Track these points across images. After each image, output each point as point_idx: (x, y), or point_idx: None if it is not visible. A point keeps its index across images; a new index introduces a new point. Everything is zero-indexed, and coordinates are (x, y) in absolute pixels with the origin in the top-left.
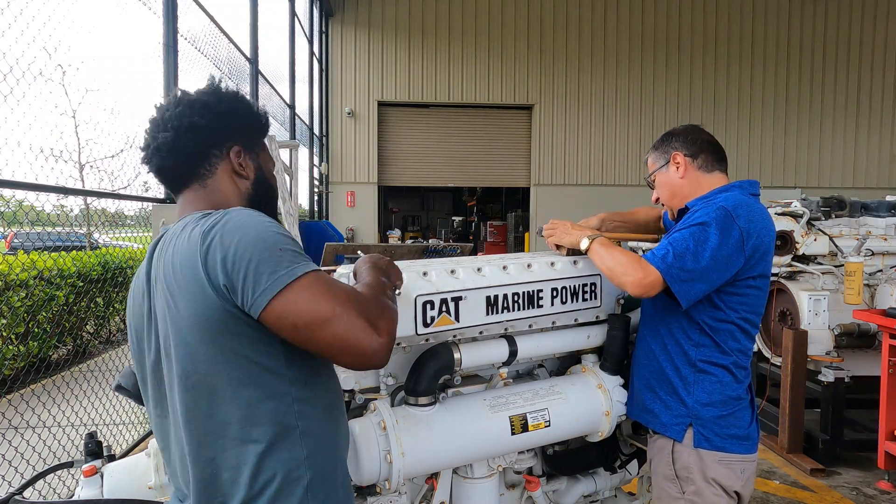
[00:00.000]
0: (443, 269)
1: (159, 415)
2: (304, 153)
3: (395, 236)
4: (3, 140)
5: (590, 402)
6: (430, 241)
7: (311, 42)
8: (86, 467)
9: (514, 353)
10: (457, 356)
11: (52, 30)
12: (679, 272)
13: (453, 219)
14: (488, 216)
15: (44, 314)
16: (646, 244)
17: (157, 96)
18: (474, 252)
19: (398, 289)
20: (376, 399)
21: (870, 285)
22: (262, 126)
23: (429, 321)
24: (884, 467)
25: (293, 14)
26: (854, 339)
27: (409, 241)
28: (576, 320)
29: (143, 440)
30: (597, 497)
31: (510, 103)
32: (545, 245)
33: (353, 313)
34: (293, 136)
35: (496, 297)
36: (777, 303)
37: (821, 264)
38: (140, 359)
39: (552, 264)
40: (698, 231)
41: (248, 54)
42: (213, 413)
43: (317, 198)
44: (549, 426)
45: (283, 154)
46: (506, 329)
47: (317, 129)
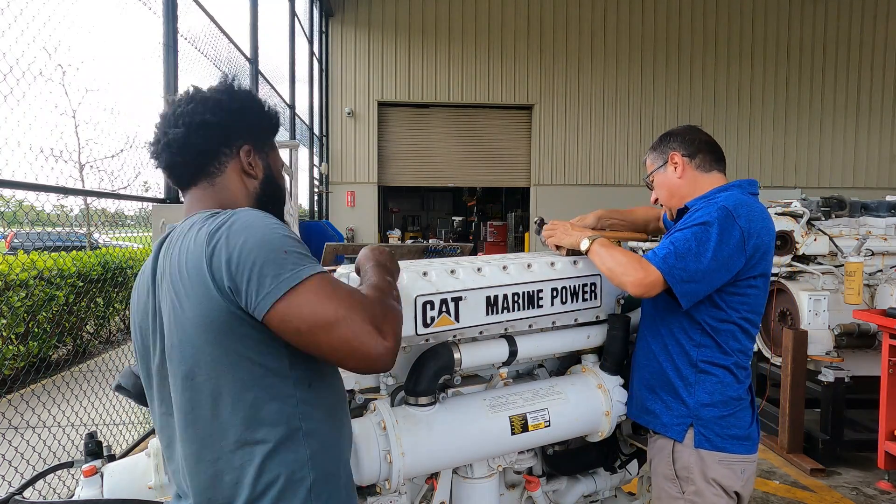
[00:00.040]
0: (443, 269)
1: (164, 413)
2: (304, 153)
3: (395, 236)
4: (3, 140)
5: (590, 402)
6: (430, 241)
7: (311, 42)
8: (86, 467)
9: (514, 353)
10: (457, 356)
11: (52, 30)
12: (681, 272)
13: (453, 219)
14: (488, 216)
15: (44, 314)
16: (646, 244)
17: (157, 96)
18: (474, 252)
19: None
20: (376, 399)
21: (870, 285)
22: (272, 126)
23: (429, 321)
24: (884, 467)
25: (293, 14)
26: (854, 339)
27: (409, 241)
28: (576, 320)
29: (143, 440)
30: (597, 497)
31: (510, 103)
32: (545, 245)
33: (357, 317)
34: (293, 136)
35: (496, 297)
36: (777, 303)
37: (821, 264)
38: (145, 357)
39: (552, 264)
40: (700, 231)
41: (248, 54)
42: (217, 414)
43: (317, 198)
44: (549, 426)
45: (283, 154)
46: (506, 329)
47: (317, 129)
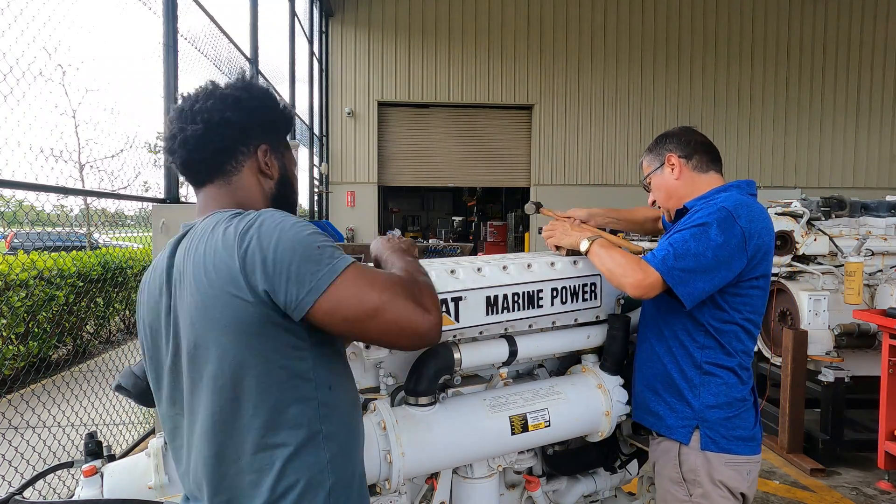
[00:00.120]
0: (443, 269)
1: (175, 414)
2: (304, 153)
3: None
4: (3, 140)
5: (590, 402)
6: (430, 241)
7: (311, 42)
8: (86, 467)
9: (514, 353)
10: (457, 356)
11: (52, 30)
12: (680, 273)
13: (453, 219)
14: (488, 216)
15: (44, 314)
16: (646, 244)
17: (157, 96)
18: (474, 252)
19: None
20: (376, 399)
21: (870, 285)
22: (287, 125)
23: None
24: (884, 467)
25: (293, 14)
26: (854, 339)
27: None
28: (576, 320)
29: (143, 440)
30: (597, 497)
31: (510, 103)
32: (545, 245)
33: (400, 298)
34: (293, 136)
35: (496, 297)
36: (777, 303)
37: (821, 264)
38: (155, 356)
39: (552, 264)
40: (699, 232)
41: (248, 54)
42: (239, 416)
43: (317, 198)
44: (549, 426)
45: None
46: (506, 329)
47: (317, 129)
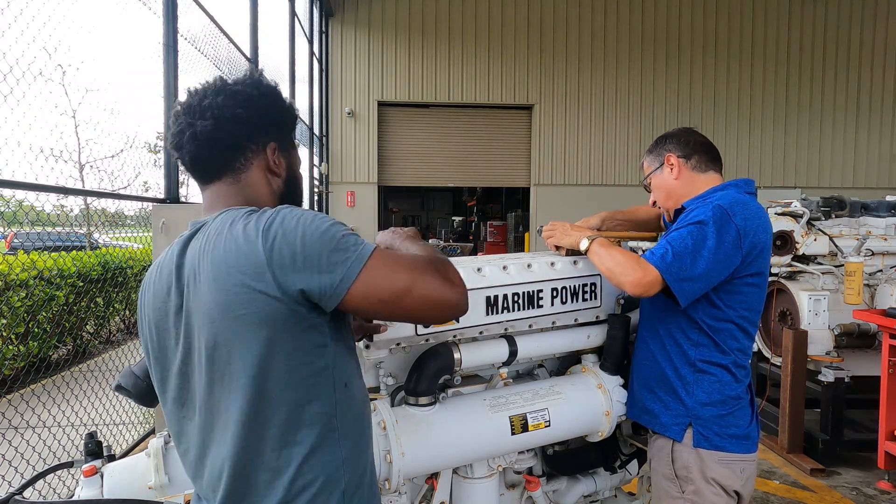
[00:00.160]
0: None
1: (182, 417)
2: (304, 153)
3: None
4: (3, 140)
5: (590, 402)
6: (430, 241)
7: (311, 42)
8: (86, 467)
9: (514, 353)
10: (457, 356)
11: (52, 30)
12: (678, 271)
13: (453, 219)
14: (488, 216)
15: (44, 314)
16: (646, 244)
17: (157, 96)
18: (474, 252)
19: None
20: (376, 399)
21: (870, 285)
22: (294, 123)
23: None
24: (884, 467)
25: (293, 14)
26: (854, 339)
27: None
28: (576, 320)
29: (143, 440)
30: (597, 497)
31: (510, 103)
32: (545, 245)
33: (427, 275)
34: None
35: (496, 297)
36: (777, 303)
37: (821, 264)
38: (161, 357)
39: (552, 264)
40: (696, 230)
41: (248, 54)
42: (259, 414)
43: (317, 198)
44: (549, 426)
45: None
46: (506, 329)
47: (317, 129)
